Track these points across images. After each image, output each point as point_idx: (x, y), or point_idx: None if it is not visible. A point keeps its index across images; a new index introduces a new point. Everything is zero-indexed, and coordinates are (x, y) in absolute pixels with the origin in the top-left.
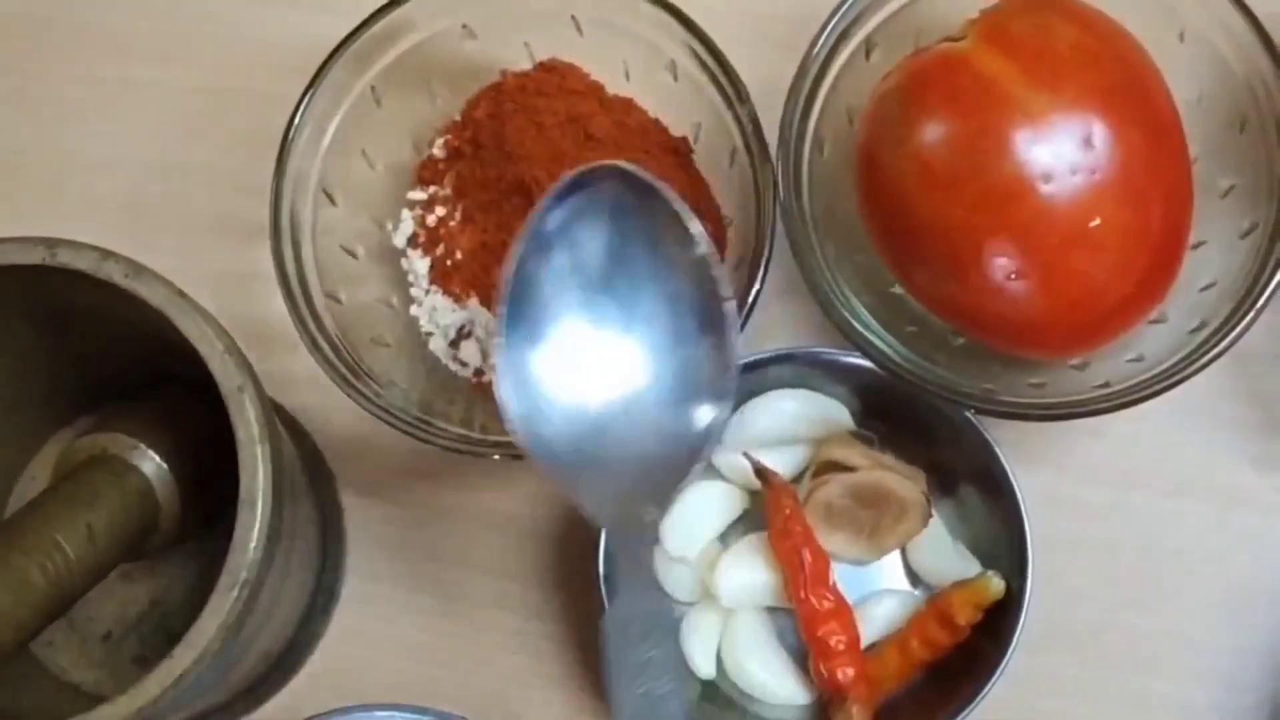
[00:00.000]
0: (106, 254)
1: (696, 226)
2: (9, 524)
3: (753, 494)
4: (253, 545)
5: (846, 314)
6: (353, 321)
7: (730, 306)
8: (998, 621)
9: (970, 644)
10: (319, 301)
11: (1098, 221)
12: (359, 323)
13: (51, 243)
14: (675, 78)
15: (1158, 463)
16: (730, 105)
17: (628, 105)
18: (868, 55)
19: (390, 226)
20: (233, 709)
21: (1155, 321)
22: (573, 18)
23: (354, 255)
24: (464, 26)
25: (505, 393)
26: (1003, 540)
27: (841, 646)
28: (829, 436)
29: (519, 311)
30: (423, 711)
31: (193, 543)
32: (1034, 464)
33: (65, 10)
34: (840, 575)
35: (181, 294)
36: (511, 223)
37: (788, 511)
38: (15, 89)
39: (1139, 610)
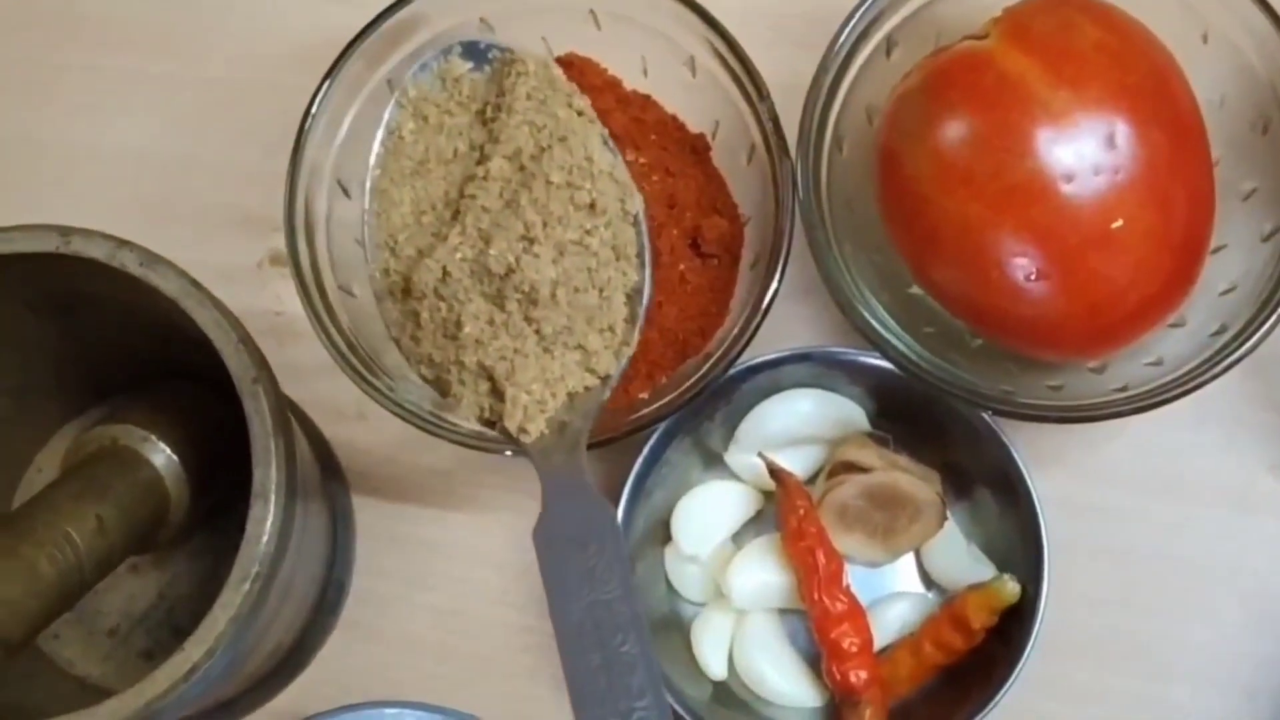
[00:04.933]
0: (121, 243)
1: None
2: (18, 514)
3: (767, 494)
4: (265, 538)
5: (865, 313)
6: (367, 315)
7: None
8: (1012, 625)
9: (984, 648)
10: (333, 295)
11: (1119, 222)
12: (373, 316)
13: (65, 230)
14: (694, 74)
15: (1175, 467)
16: (750, 102)
17: (645, 101)
18: (888, 53)
19: None
20: (241, 704)
21: (1175, 325)
22: (591, 12)
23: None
24: (481, 20)
25: None
26: (1018, 544)
27: (855, 649)
28: (844, 437)
29: None
30: (431, 709)
31: (201, 537)
32: (1050, 467)
33: (75, 2)
34: (854, 577)
35: (196, 284)
36: None
37: (802, 512)
38: (29, 79)
39: (1155, 616)
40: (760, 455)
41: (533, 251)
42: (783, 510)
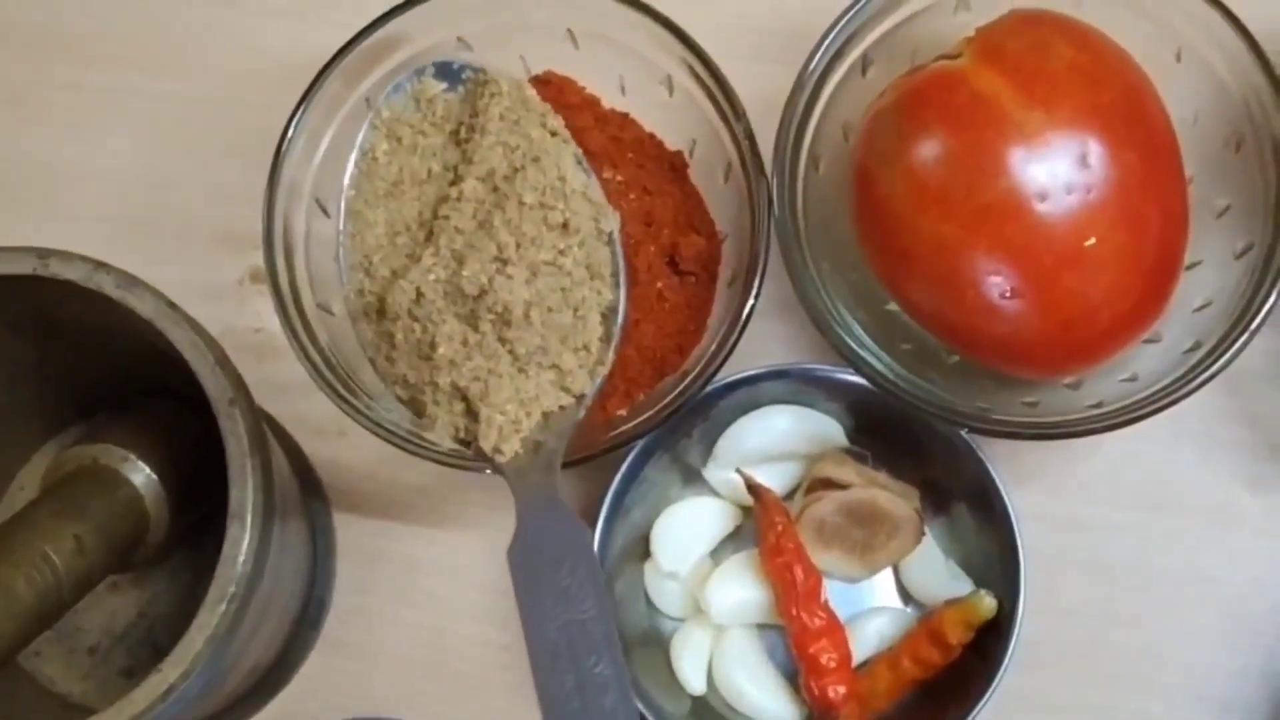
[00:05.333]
0: (98, 265)
1: None
2: None
3: (745, 510)
4: (241, 559)
5: (841, 331)
6: (345, 333)
7: None
8: (989, 641)
9: (962, 663)
10: (311, 313)
11: (1093, 241)
12: (351, 334)
13: (42, 253)
14: (671, 92)
15: (1152, 483)
16: (726, 120)
17: (623, 120)
18: (864, 72)
19: None
20: None
21: (1150, 341)
22: (569, 31)
23: None
24: (459, 39)
25: None
26: (995, 559)
27: (833, 664)
28: (822, 453)
29: None
30: None
31: (182, 554)
32: (1027, 482)
33: (58, 19)
34: (832, 593)
35: (173, 305)
36: None
37: (780, 528)
38: (12, 97)
39: (1132, 630)
40: (738, 471)
41: (506, 272)
42: (761, 526)
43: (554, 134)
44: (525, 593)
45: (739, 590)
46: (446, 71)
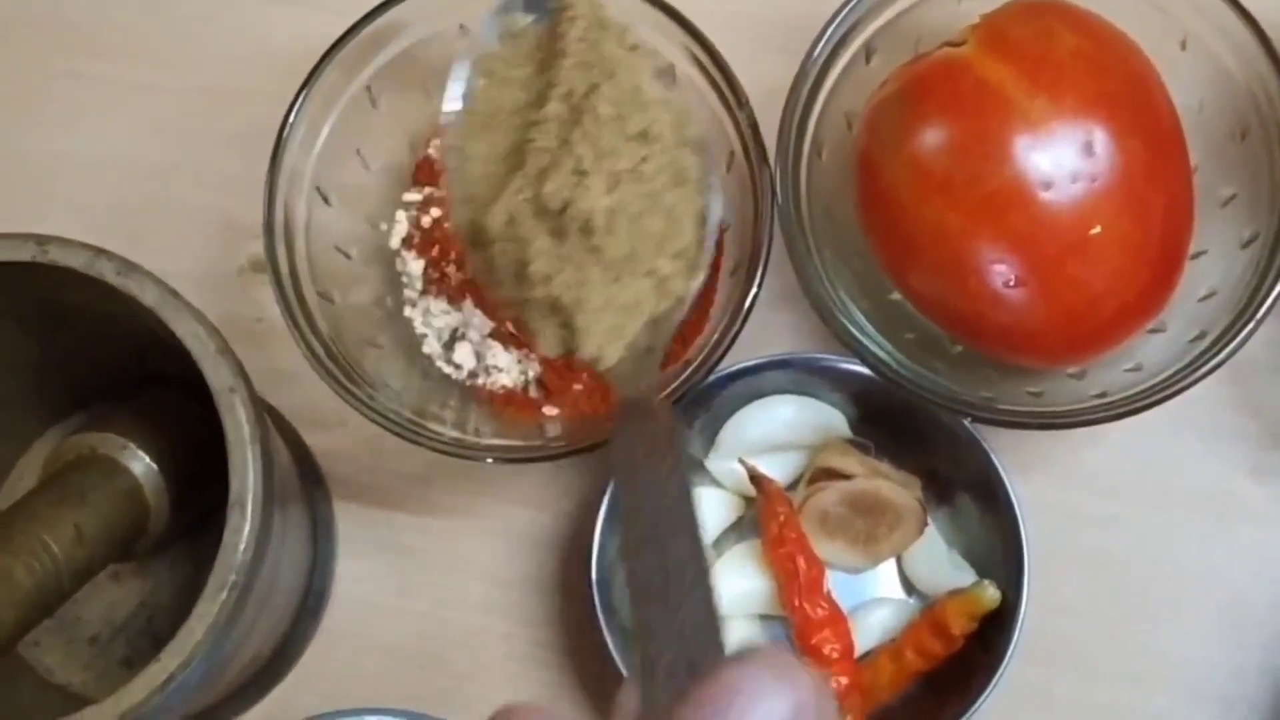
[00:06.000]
0: (98, 252)
1: None
2: None
3: (747, 501)
4: (242, 547)
5: (844, 320)
6: (346, 322)
7: None
8: (992, 632)
9: (965, 654)
10: (312, 301)
11: (1098, 229)
12: (352, 324)
13: (42, 240)
14: (674, 81)
15: (1155, 473)
16: (729, 109)
17: None
18: (867, 60)
19: (384, 227)
20: (221, 711)
21: (1154, 331)
22: None
23: (348, 256)
24: (460, 26)
25: None
26: (998, 550)
27: (835, 655)
28: (825, 443)
29: None
30: (412, 715)
31: (183, 544)
32: (1031, 473)
33: (58, 8)
34: (834, 583)
35: (174, 293)
36: None
37: (782, 518)
38: (12, 86)
39: (1135, 623)
40: (741, 461)
41: (585, 184)
42: (763, 517)
43: (633, 48)
44: (624, 489)
45: (741, 581)
46: (534, 2)
